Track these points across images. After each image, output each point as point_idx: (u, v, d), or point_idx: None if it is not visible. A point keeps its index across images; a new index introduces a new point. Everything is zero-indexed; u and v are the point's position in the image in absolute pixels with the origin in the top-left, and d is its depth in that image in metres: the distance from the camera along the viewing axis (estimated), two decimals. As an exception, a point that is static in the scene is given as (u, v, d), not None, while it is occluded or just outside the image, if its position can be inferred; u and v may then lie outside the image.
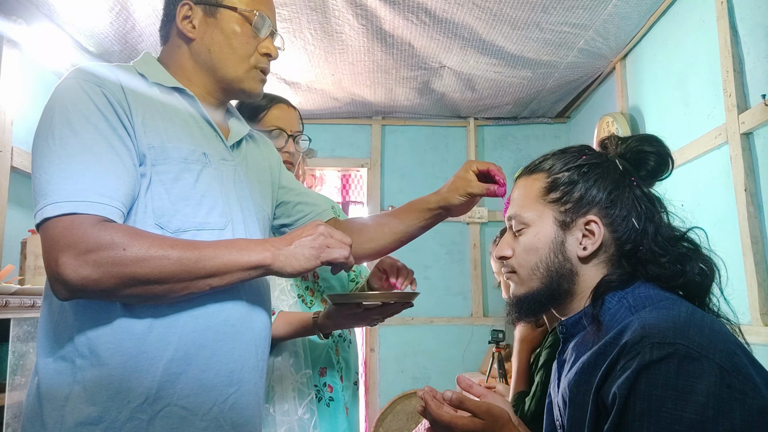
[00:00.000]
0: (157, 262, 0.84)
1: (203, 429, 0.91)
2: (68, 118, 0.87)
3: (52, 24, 2.40)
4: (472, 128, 3.76)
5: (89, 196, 0.84)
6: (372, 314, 1.25)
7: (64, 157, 0.85)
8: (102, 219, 0.84)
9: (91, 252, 0.81)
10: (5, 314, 1.80)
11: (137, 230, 0.87)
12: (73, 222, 0.82)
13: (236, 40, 1.05)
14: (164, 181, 0.93)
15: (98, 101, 0.90)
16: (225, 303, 0.96)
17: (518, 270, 0.92)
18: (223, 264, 0.88)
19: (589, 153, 0.92)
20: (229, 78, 1.07)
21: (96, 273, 0.81)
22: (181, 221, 0.93)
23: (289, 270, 0.93)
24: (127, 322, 0.88)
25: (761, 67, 1.81)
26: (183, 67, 1.07)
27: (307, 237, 0.94)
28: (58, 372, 0.88)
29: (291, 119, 1.53)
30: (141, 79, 1.00)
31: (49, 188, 0.84)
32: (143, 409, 0.87)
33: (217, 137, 1.06)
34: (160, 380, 0.88)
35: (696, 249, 0.86)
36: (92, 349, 0.87)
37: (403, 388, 3.47)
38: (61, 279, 0.81)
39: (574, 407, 0.81)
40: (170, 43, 1.09)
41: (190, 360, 0.91)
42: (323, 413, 1.39)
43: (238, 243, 0.93)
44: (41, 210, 0.83)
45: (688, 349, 0.69)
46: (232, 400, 0.95)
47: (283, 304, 1.41)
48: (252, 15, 1.06)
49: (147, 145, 0.93)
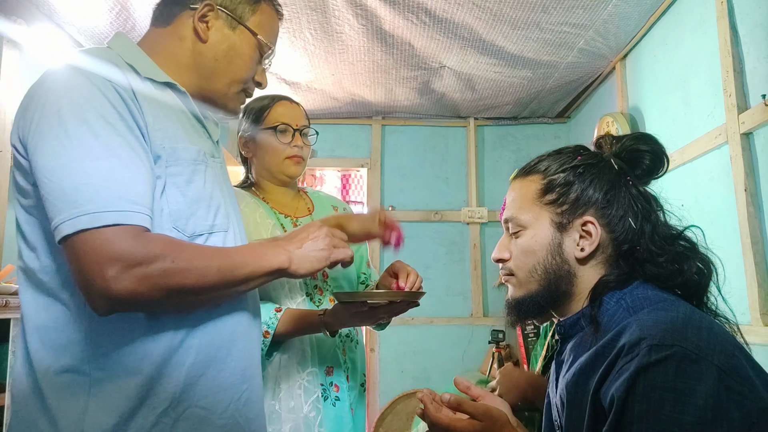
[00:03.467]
0: (201, 273, 0.83)
1: (221, 427, 0.92)
2: (84, 117, 0.81)
3: (52, 24, 2.40)
4: (472, 128, 3.76)
5: (125, 205, 0.80)
6: (378, 313, 1.26)
7: (88, 161, 0.80)
8: (143, 229, 0.82)
9: (140, 265, 0.79)
10: (5, 314, 1.79)
11: (177, 240, 0.86)
12: (116, 233, 0.78)
13: (242, 61, 1.03)
14: (178, 184, 0.91)
15: (113, 99, 0.85)
16: (235, 304, 0.97)
17: (516, 272, 0.91)
18: (252, 271, 0.90)
19: (584, 153, 0.92)
20: (219, 92, 1.04)
21: (144, 286, 0.79)
22: (196, 224, 0.92)
23: (302, 272, 0.96)
24: (153, 331, 0.87)
25: (761, 67, 1.81)
26: (178, 61, 1.01)
27: (315, 239, 0.98)
28: (68, 385, 0.84)
29: (295, 114, 1.52)
30: (134, 72, 0.94)
31: (79, 196, 0.79)
32: (167, 413, 0.87)
33: (205, 134, 1.05)
34: (184, 384, 0.88)
35: (693, 248, 0.86)
36: (117, 360, 0.85)
37: (403, 388, 3.47)
38: (107, 294, 0.78)
39: (572, 408, 0.81)
40: (172, 29, 1.02)
41: (210, 361, 0.92)
42: (329, 412, 1.39)
43: (254, 248, 0.95)
44: (74, 220, 0.78)
45: (687, 350, 0.69)
46: (245, 397, 0.97)
47: (291, 302, 1.41)
48: (266, 47, 1.06)
49: (159, 146, 0.90)
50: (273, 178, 1.53)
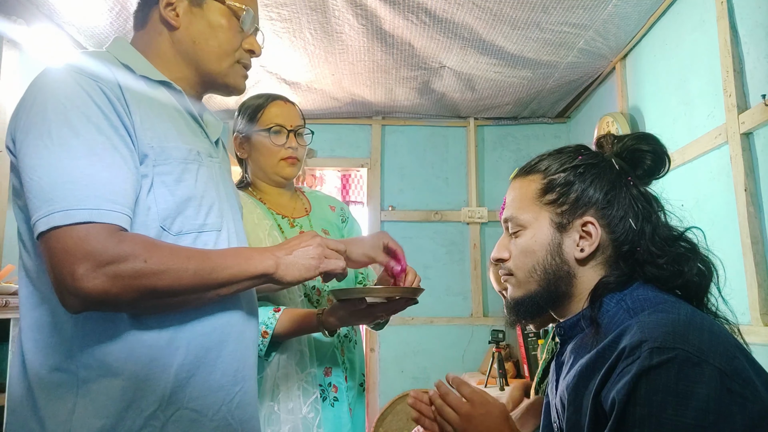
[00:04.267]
0: (176, 275, 0.82)
1: (214, 429, 0.91)
2: (66, 117, 0.82)
3: (52, 24, 2.39)
4: (472, 128, 3.76)
5: (101, 203, 0.80)
6: (376, 311, 1.25)
7: (66, 159, 0.80)
8: (118, 228, 0.81)
9: (111, 264, 0.78)
10: (5, 314, 1.80)
11: (153, 240, 0.85)
12: (89, 231, 0.78)
13: (222, 33, 1.01)
14: (167, 183, 0.90)
15: (97, 98, 0.85)
16: (227, 305, 0.96)
17: (515, 272, 0.91)
18: (233, 275, 0.88)
19: (585, 153, 0.91)
20: (214, 72, 1.03)
21: (116, 286, 0.78)
22: (182, 223, 0.92)
23: (289, 279, 0.94)
24: (137, 331, 0.86)
25: (761, 67, 1.81)
26: (163, 55, 1.01)
27: (306, 247, 0.96)
28: (57, 385, 0.84)
29: (290, 114, 1.51)
30: (128, 71, 0.94)
31: (55, 194, 0.78)
32: (156, 415, 0.86)
33: (203, 133, 1.04)
34: (172, 386, 0.88)
35: (694, 249, 0.85)
36: (101, 360, 0.84)
37: (403, 388, 3.46)
38: (77, 291, 0.77)
39: (572, 410, 0.80)
40: (149, 28, 1.02)
41: (199, 363, 0.91)
42: (327, 413, 1.39)
43: (241, 252, 0.93)
44: (48, 217, 0.78)
45: (688, 353, 0.69)
46: (238, 399, 0.96)
47: (290, 303, 1.41)
48: (240, 10, 1.02)
49: (147, 145, 0.89)
50: (268, 179, 1.52)
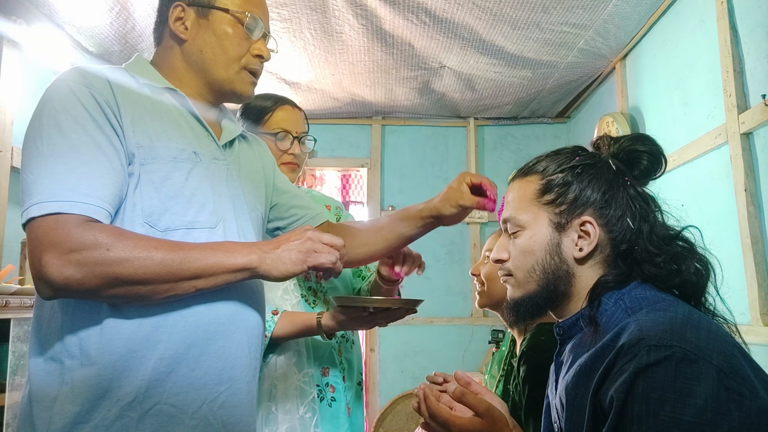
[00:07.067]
0: (140, 263, 0.84)
1: (192, 427, 0.91)
2: (56, 120, 0.88)
3: (52, 24, 2.40)
4: (472, 128, 3.76)
5: (74, 196, 0.84)
6: (377, 318, 1.27)
7: (50, 157, 0.86)
8: (87, 219, 0.85)
9: (75, 252, 0.82)
10: (5, 314, 1.80)
11: (122, 231, 0.87)
12: (57, 221, 0.83)
13: (228, 41, 1.05)
14: (153, 180, 0.93)
15: (86, 102, 0.90)
16: (215, 302, 0.96)
17: (515, 273, 0.91)
18: (209, 266, 0.89)
19: (582, 154, 0.92)
20: (220, 79, 1.07)
21: (79, 273, 0.82)
22: (170, 220, 0.93)
23: (275, 273, 0.93)
24: (116, 322, 0.89)
25: (761, 67, 1.81)
26: (175, 68, 1.07)
27: (295, 241, 0.95)
28: (48, 373, 0.88)
29: (296, 121, 1.52)
30: (132, 79, 1.00)
31: (35, 188, 0.84)
32: (132, 407, 0.87)
33: (208, 136, 1.06)
34: (150, 379, 0.88)
35: (691, 248, 0.86)
36: (82, 348, 0.87)
37: (403, 388, 3.47)
38: (45, 278, 0.82)
39: (571, 410, 0.80)
40: (163, 44, 1.09)
41: (180, 359, 0.91)
42: (325, 413, 1.40)
43: (224, 245, 0.93)
44: (27, 210, 0.84)
45: (686, 351, 0.69)
46: (222, 399, 0.95)
47: (287, 303, 1.41)
48: (244, 16, 1.06)
49: (136, 144, 0.93)
50: None
